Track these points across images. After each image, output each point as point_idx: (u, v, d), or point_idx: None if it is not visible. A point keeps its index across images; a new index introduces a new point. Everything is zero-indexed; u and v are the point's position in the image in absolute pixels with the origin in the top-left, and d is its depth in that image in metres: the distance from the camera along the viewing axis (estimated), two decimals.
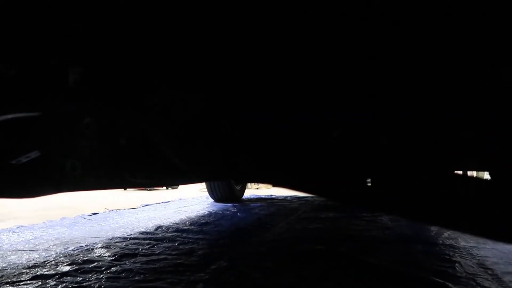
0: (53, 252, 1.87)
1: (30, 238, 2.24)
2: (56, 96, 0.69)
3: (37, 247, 2.00)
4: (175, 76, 0.75)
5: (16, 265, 1.64)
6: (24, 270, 1.55)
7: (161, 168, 0.97)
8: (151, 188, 8.59)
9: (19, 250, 1.92)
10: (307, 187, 0.83)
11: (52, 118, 0.79)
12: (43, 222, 2.78)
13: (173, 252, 1.89)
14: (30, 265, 1.63)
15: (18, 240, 2.19)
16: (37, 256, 1.80)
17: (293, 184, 0.82)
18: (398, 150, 0.86)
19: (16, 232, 2.39)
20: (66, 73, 0.67)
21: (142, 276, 1.49)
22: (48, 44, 0.64)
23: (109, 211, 3.52)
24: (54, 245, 2.05)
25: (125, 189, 8.45)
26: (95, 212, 3.35)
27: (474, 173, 5.16)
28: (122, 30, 0.68)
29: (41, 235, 2.33)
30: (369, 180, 0.76)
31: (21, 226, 2.63)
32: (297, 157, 0.84)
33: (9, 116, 0.73)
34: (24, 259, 1.74)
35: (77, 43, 0.65)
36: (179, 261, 1.71)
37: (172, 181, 1.54)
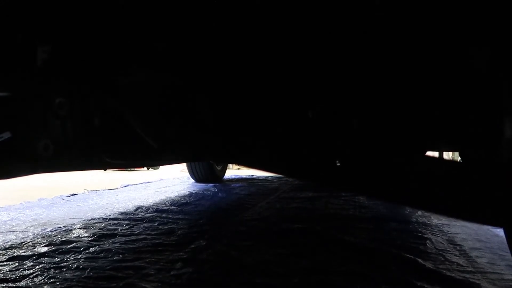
0: (30, 233, 1.85)
1: (7, 219, 2.21)
2: (25, 75, 0.68)
3: (13, 228, 1.98)
4: (147, 54, 0.74)
5: None
6: (0, 252, 1.54)
7: (136, 148, 0.96)
8: (132, 169, 8.52)
9: None
10: (281, 168, 0.84)
11: (23, 98, 0.78)
12: (20, 203, 2.74)
13: (153, 232, 1.90)
14: (7, 246, 1.62)
15: None
16: (14, 237, 1.78)
17: (266, 166, 0.83)
18: (369, 132, 0.88)
19: None
20: (34, 51, 0.66)
21: (121, 256, 1.50)
22: (13, 18, 0.62)
23: (88, 192, 3.49)
24: (32, 226, 2.03)
25: (105, 169, 8.35)
26: (74, 193, 3.32)
27: (450, 154, 5.30)
28: (92, 4, 0.67)
29: (18, 216, 2.30)
30: (337, 161, 0.78)
31: None
32: (271, 136, 0.85)
33: None
34: (0, 240, 1.73)
35: (44, 18, 0.63)
36: (158, 241, 1.72)
37: (148, 162, 1.54)
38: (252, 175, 5.17)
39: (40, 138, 0.84)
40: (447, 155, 5.42)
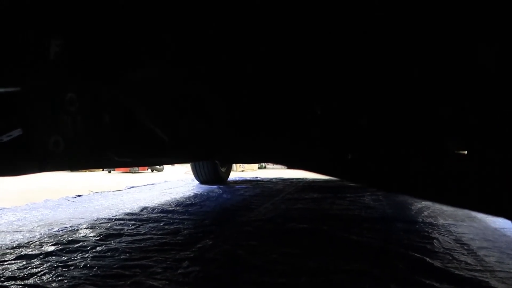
0: (37, 233, 1.86)
1: (13, 219, 2.22)
2: (36, 69, 0.68)
3: (20, 228, 1.99)
4: (156, 46, 0.75)
5: (0, 245, 1.63)
6: (8, 251, 1.54)
7: (145, 145, 0.97)
8: (136, 171, 8.56)
9: (2, 232, 1.91)
10: (290, 161, 0.84)
11: (33, 93, 0.78)
12: (26, 204, 2.75)
13: (159, 232, 1.90)
14: (14, 245, 1.63)
15: (0, 222, 2.17)
16: (21, 237, 1.79)
17: (276, 159, 0.83)
18: (378, 128, 0.87)
19: None
20: (47, 45, 0.66)
21: (128, 255, 1.50)
22: (26, 13, 0.62)
23: (93, 193, 3.50)
24: (38, 226, 2.04)
25: (109, 172, 8.36)
26: (79, 194, 3.33)
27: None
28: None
29: (25, 216, 2.31)
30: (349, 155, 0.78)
31: (4, 208, 2.61)
32: (283, 131, 0.85)
33: None
34: (7, 240, 1.73)
35: (57, 12, 0.64)
36: (164, 241, 1.72)
37: (157, 160, 1.55)
38: (256, 177, 5.17)
39: (50, 134, 0.84)
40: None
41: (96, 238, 1.75)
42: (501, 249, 1.63)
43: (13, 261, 1.41)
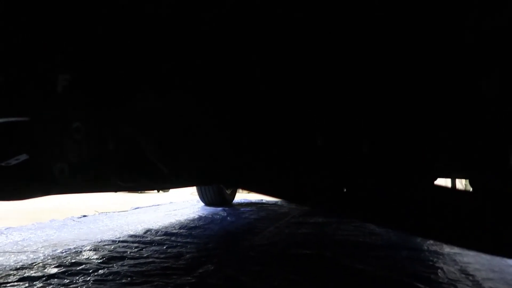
0: (41, 254, 1.87)
1: (18, 239, 2.23)
2: (46, 101, 0.71)
3: (25, 248, 2.00)
4: (155, 77, 0.77)
5: (4, 266, 1.64)
6: (12, 272, 1.55)
7: (147, 172, 0.99)
8: (142, 191, 8.56)
9: (7, 252, 1.92)
10: (287, 194, 0.85)
11: (42, 123, 0.81)
12: (32, 224, 2.77)
13: (161, 256, 1.90)
14: (18, 266, 1.64)
15: (6, 241, 2.18)
16: (25, 258, 1.80)
17: (273, 192, 0.84)
18: (379, 157, 0.88)
19: (4, 234, 2.38)
20: (56, 80, 0.69)
21: (129, 279, 1.50)
22: (37, 51, 0.66)
23: (99, 214, 3.51)
24: (43, 247, 2.05)
25: (115, 191, 8.39)
26: (85, 214, 3.34)
27: (463, 181, 5.22)
28: (109, 38, 0.71)
29: (30, 236, 2.33)
30: (344, 188, 0.79)
31: (10, 227, 2.62)
32: (280, 164, 0.86)
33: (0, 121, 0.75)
34: (11, 260, 1.75)
35: (66, 50, 0.67)
36: (166, 265, 1.72)
37: (159, 186, 1.56)
38: (262, 200, 5.15)
39: (56, 160, 0.86)
40: (460, 183, 5.34)
41: (99, 261, 1.76)
42: (506, 280, 1.60)
43: (15, 283, 1.42)
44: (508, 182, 0.81)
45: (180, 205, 4.44)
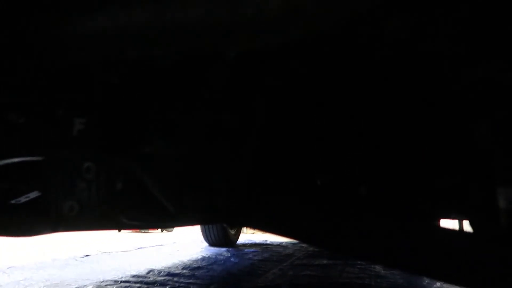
0: None
1: (20, 279, 2.22)
2: (61, 143, 0.76)
3: None
4: (164, 125, 0.83)
5: None
6: None
7: (152, 211, 1.02)
8: (146, 231, 8.48)
9: None
10: (288, 233, 0.87)
11: (55, 162, 0.85)
12: (34, 263, 2.76)
13: None
14: None
15: (8, 281, 2.17)
16: None
17: (274, 230, 0.87)
18: (377, 199, 0.91)
19: (6, 273, 2.38)
20: (72, 123, 0.75)
21: None
22: (56, 97, 0.71)
23: (101, 253, 3.49)
24: (44, 286, 2.04)
25: (119, 230, 8.31)
26: (87, 254, 3.33)
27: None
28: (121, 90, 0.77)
29: (32, 276, 2.32)
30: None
31: (12, 266, 2.61)
32: (282, 203, 0.89)
33: (15, 160, 0.79)
34: None
35: (82, 99, 0.73)
36: None
37: (163, 224, 1.59)
38: (266, 240, 5.09)
39: (66, 199, 0.90)
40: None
41: None
42: None
43: None
44: (499, 221, 0.82)
45: (184, 245, 4.40)
